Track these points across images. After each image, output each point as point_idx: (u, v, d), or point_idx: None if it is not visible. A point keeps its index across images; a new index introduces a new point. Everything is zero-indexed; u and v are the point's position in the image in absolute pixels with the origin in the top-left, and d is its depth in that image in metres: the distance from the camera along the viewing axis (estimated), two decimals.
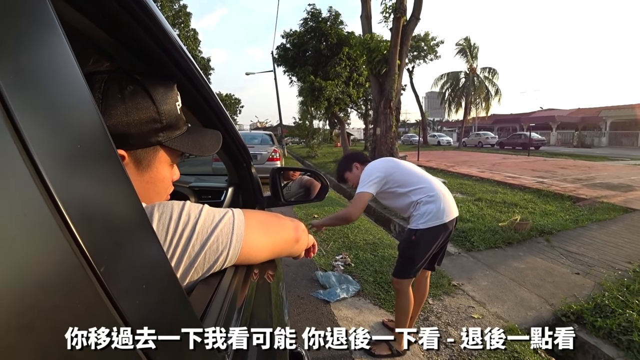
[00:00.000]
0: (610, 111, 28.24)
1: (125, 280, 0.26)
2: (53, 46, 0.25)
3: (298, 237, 0.69)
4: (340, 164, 2.21)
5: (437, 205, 1.87)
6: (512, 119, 36.32)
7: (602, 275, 3.36)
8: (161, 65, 0.58)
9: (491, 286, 3.16)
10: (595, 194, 6.62)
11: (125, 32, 0.49)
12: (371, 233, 4.63)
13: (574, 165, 12.38)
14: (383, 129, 10.23)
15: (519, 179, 8.71)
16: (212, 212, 0.51)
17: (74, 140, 0.24)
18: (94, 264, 0.22)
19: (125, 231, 0.28)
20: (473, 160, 14.75)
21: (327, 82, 14.42)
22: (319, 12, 15.71)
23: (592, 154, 19.53)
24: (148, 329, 0.26)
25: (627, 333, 2.48)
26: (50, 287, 0.20)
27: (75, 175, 0.24)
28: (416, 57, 25.05)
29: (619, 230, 4.70)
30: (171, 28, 0.55)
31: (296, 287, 2.96)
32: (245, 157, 1.15)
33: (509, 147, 24.73)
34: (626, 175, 9.35)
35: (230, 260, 0.50)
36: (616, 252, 3.96)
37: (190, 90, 0.69)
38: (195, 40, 25.38)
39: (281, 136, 20.61)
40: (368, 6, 10.42)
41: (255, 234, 0.55)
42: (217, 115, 0.83)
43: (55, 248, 0.20)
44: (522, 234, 4.41)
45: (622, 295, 2.90)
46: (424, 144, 24.92)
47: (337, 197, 8.01)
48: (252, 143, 8.75)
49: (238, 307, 0.54)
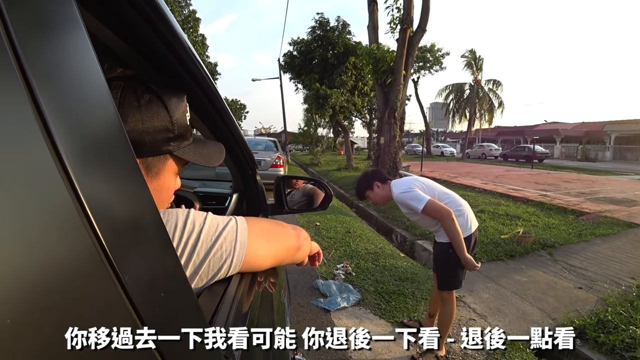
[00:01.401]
0: (614, 125, 28.18)
1: (144, 283, 0.27)
2: (84, 59, 0.27)
3: (300, 245, 0.69)
4: (360, 181, 2.26)
5: (464, 217, 2.02)
6: (516, 132, 36.30)
7: (605, 290, 3.33)
8: (173, 72, 0.59)
9: (492, 299, 3.14)
10: (598, 208, 6.58)
11: (139, 38, 0.49)
12: (373, 242, 4.63)
13: (578, 179, 12.32)
14: (387, 139, 10.26)
15: (522, 191, 8.69)
16: (216, 221, 0.52)
17: (100, 148, 0.26)
18: (117, 268, 0.24)
19: (144, 236, 0.29)
20: (476, 171, 14.72)
21: (332, 90, 14.51)
22: (327, 21, 15.87)
23: (596, 168, 19.44)
24: (160, 330, 0.28)
25: (631, 350, 2.45)
26: (72, 279, 0.21)
27: (100, 180, 0.25)
28: (421, 67, 25.27)
29: (623, 245, 4.66)
30: (184, 36, 0.56)
31: (297, 294, 2.96)
32: (250, 164, 1.16)
33: (512, 160, 24.68)
34: (630, 190, 9.29)
35: (235, 267, 0.51)
36: (619, 267, 3.93)
37: (200, 98, 0.70)
38: (204, 46, 25.67)
39: (285, 143, 20.71)
40: (375, 17, 10.53)
41: (258, 242, 0.56)
42: (226, 122, 0.84)
43: (78, 244, 0.22)
44: (524, 247, 4.39)
45: (625, 311, 2.88)
46: (427, 154, 24.96)
47: (340, 205, 8.02)
48: (256, 149, 8.80)
49: (244, 312, 0.56)
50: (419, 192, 1.97)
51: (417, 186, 2.02)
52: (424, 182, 2.11)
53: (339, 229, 5.27)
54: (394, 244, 5.32)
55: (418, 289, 3.17)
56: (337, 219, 5.96)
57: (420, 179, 2.14)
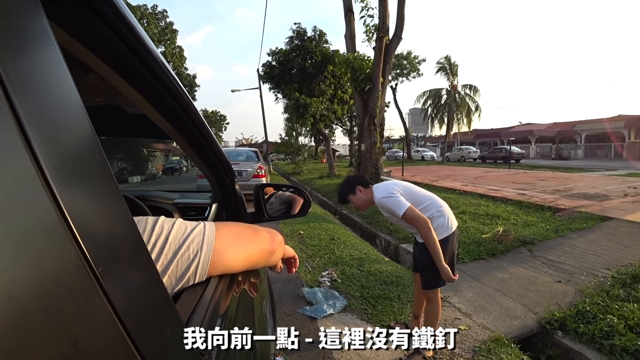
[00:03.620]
0: (584, 125, 29.45)
1: (119, 281, 0.28)
2: (56, 70, 0.28)
3: (274, 248, 0.70)
4: (343, 186, 2.28)
5: (445, 217, 2.08)
6: (493, 134, 37.37)
7: (582, 282, 3.44)
8: (147, 85, 0.60)
9: (477, 297, 3.19)
10: (573, 204, 6.82)
11: (109, 51, 0.50)
12: (357, 248, 4.63)
13: (553, 177, 12.76)
14: (368, 145, 10.38)
15: (500, 191, 8.92)
16: (184, 224, 0.54)
17: (76, 155, 0.27)
18: (93, 264, 0.25)
19: (119, 238, 0.31)
20: (456, 174, 15.04)
21: (312, 99, 14.61)
22: (304, 31, 16.05)
23: (569, 165, 20.21)
24: (139, 327, 0.29)
25: (609, 337, 2.53)
26: (56, 282, 0.22)
27: (78, 186, 0.26)
28: (399, 74, 25.82)
29: (597, 238, 4.83)
30: (155, 48, 0.56)
31: (282, 303, 2.92)
32: (228, 174, 1.16)
33: (490, 161, 25.35)
34: (602, 186, 9.68)
35: (203, 268, 0.52)
36: (595, 259, 4.06)
37: (176, 109, 0.71)
38: (181, 58, 25.51)
39: (267, 153, 20.64)
40: (352, 26, 10.73)
41: (226, 243, 0.57)
42: (202, 133, 0.85)
43: (61, 248, 0.23)
44: (505, 245, 4.49)
45: (602, 301, 2.97)
46: (408, 159, 25.36)
47: (323, 213, 8.02)
48: (238, 160, 8.73)
49: (221, 314, 0.57)
50: (399, 197, 2.00)
51: (398, 191, 2.05)
52: (404, 186, 2.14)
53: (322, 236, 5.26)
54: (378, 249, 5.34)
55: (403, 291, 3.18)
56: (321, 226, 5.95)
57: (400, 183, 2.17)
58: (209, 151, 0.97)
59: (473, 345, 2.42)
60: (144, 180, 13.72)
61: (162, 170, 17.92)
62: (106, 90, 0.76)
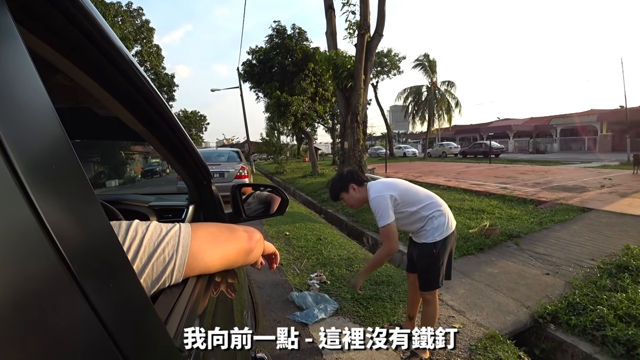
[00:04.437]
0: (559, 119, 30.41)
1: (96, 280, 0.28)
2: (24, 70, 0.27)
3: (252, 247, 0.71)
4: (335, 183, 2.18)
5: (445, 217, 2.03)
6: (472, 129, 38.12)
7: (570, 273, 3.46)
8: (118, 87, 0.59)
9: (468, 294, 3.15)
10: (554, 197, 6.96)
11: (77, 53, 0.48)
12: (345, 248, 4.54)
13: (532, 170, 13.08)
14: (351, 143, 10.33)
15: (483, 185, 9.04)
16: (159, 227, 0.54)
17: (50, 160, 0.27)
18: (69, 264, 0.25)
19: (95, 238, 0.31)
20: (439, 169, 15.22)
21: (293, 98, 14.44)
22: (284, 29, 15.83)
23: (546, 159, 20.81)
24: (117, 324, 0.29)
25: (601, 328, 2.53)
26: (34, 281, 0.23)
27: (53, 190, 0.26)
28: (380, 72, 25.96)
29: (580, 230, 4.92)
30: (125, 48, 0.55)
31: (271, 310, 2.79)
32: (205, 175, 1.16)
33: (471, 156, 25.86)
34: (579, 178, 9.97)
35: (179, 270, 0.52)
36: (580, 250, 4.12)
37: (148, 111, 0.71)
38: (159, 57, 24.82)
39: (249, 153, 20.34)
40: (333, 23, 10.64)
41: (203, 244, 0.57)
42: (176, 134, 0.85)
43: (39, 249, 0.23)
44: (492, 239, 4.50)
45: (591, 292, 2.99)
46: (390, 155, 25.51)
47: (308, 212, 7.90)
48: (219, 160, 8.47)
49: (199, 314, 0.58)
50: (389, 208, 1.94)
51: (395, 197, 1.97)
52: (403, 187, 2.05)
53: (309, 237, 5.15)
54: (365, 247, 5.27)
55: (395, 291, 3.11)
56: (307, 226, 5.84)
57: (399, 185, 2.06)
58: (184, 152, 0.97)
59: (469, 343, 2.36)
60: (122, 184, 13.29)
61: (141, 173, 17.41)
62: (76, 92, 0.76)
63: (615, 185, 8.26)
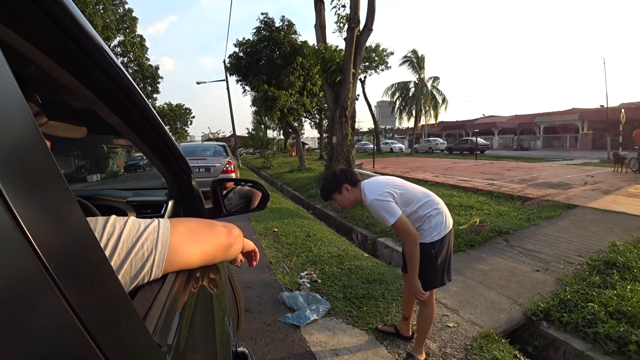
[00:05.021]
0: (542, 117, 31.02)
1: (72, 276, 0.28)
2: None
3: (231, 242, 0.70)
4: (327, 182, 2.07)
5: (443, 215, 1.96)
6: (458, 126, 38.59)
7: (560, 270, 3.47)
8: (92, 77, 0.57)
9: (461, 291, 3.12)
10: (540, 193, 7.05)
11: (50, 43, 0.46)
12: (335, 245, 4.46)
13: (518, 167, 13.28)
14: (339, 138, 10.24)
15: (471, 181, 9.10)
16: (137, 222, 0.53)
17: (22, 154, 0.26)
18: (45, 261, 0.25)
19: (70, 234, 0.30)
20: (426, 165, 15.30)
21: (281, 92, 14.21)
22: (272, 21, 15.54)
23: (530, 155, 21.24)
24: (95, 322, 0.28)
25: (592, 325, 2.53)
26: (10, 280, 0.22)
27: (25, 185, 0.25)
28: (368, 67, 25.88)
29: (566, 226, 4.97)
30: (99, 37, 0.53)
31: (261, 312, 2.68)
32: (185, 169, 1.14)
33: (457, 152, 26.14)
34: (563, 175, 10.16)
35: (158, 266, 0.52)
36: (567, 246, 4.15)
37: (125, 104, 0.69)
38: (142, 47, 24.02)
39: (235, 147, 20.01)
40: (322, 16, 10.47)
41: (181, 239, 0.57)
42: (155, 128, 0.83)
43: (13, 247, 0.23)
44: (482, 236, 4.50)
45: (581, 289, 3.00)
46: (377, 151, 25.54)
47: (296, 208, 7.79)
48: (205, 155, 8.24)
49: (179, 310, 0.57)
50: (392, 204, 1.85)
51: (392, 194, 1.88)
52: (399, 185, 1.97)
53: (298, 233, 5.05)
54: (355, 244, 5.21)
55: (387, 289, 3.05)
56: (295, 222, 5.74)
57: (396, 182, 1.99)
58: (163, 146, 0.95)
59: (464, 343, 2.32)
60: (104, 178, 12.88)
61: (124, 167, 16.95)
62: (49, 83, 0.73)
63: (597, 183, 8.43)
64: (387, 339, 2.34)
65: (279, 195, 9.57)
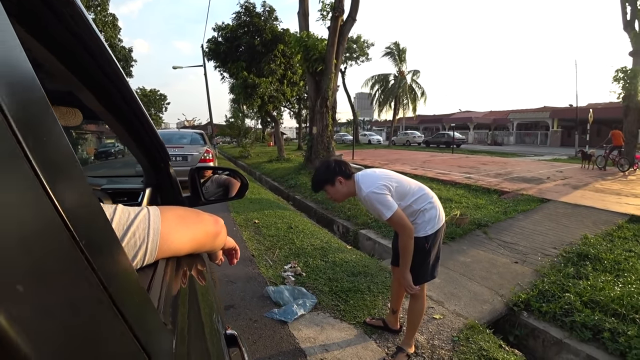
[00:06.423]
0: (516, 114, 32.09)
1: (99, 253, 0.28)
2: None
3: (218, 231, 0.70)
4: (320, 173, 1.97)
5: (436, 210, 1.94)
6: (435, 120, 39.31)
7: (537, 262, 3.58)
8: (70, 53, 0.53)
9: (445, 283, 3.15)
10: (515, 187, 7.27)
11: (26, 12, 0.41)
12: (317, 237, 4.41)
13: (492, 161, 13.68)
14: (319, 128, 10.16)
15: (449, 175, 9.28)
16: (126, 210, 0.52)
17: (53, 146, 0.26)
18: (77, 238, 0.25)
19: (93, 215, 0.31)
20: (404, 158, 15.49)
21: (261, 79, 13.88)
22: (253, 6, 15.08)
23: (503, 150, 21.94)
24: (120, 297, 0.29)
25: (569, 315, 2.64)
26: (54, 260, 0.23)
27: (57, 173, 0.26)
28: (348, 58, 25.71)
29: (541, 219, 5.15)
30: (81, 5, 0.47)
31: (246, 307, 2.59)
32: (163, 156, 1.11)
33: (434, 145, 26.65)
34: (535, 170, 10.55)
35: (150, 253, 0.52)
36: (543, 239, 4.29)
37: (104, 83, 0.64)
38: (115, 27, 22.76)
39: (212, 135, 19.49)
40: (306, 3, 10.26)
41: (172, 227, 0.57)
42: (134, 110, 0.78)
43: (54, 230, 0.24)
44: (462, 228, 4.58)
45: (558, 280, 3.10)
46: (355, 142, 25.67)
47: (276, 199, 7.67)
48: (182, 143, 7.91)
49: (173, 295, 0.56)
50: (388, 197, 1.80)
51: (388, 187, 1.83)
52: (395, 179, 1.92)
53: (279, 225, 4.96)
54: (336, 235, 5.19)
55: (373, 282, 3.04)
56: (276, 214, 5.64)
57: (392, 176, 1.93)
58: (141, 132, 0.91)
59: (451, 335, 2.34)
60: None
61: (94, 154, 16.13)
62: None
63: (567, 178, 8.81)
64: (375, 332, 2.32)
65: (258, 186, 9.40)
